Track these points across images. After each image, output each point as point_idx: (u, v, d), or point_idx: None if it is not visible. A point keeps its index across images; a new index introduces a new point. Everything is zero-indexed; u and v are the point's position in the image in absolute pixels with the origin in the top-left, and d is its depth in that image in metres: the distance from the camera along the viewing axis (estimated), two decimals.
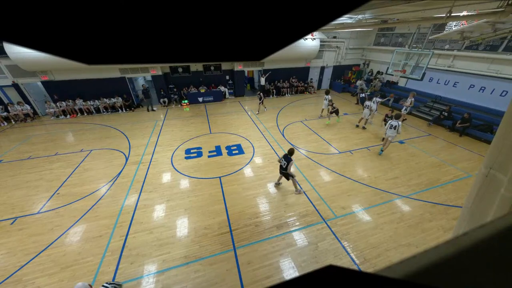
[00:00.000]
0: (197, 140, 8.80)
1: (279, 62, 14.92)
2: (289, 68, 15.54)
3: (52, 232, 4.58)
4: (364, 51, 16.66)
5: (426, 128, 9.87)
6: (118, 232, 4.56)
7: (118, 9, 0.18)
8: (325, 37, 14.83)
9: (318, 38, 14.15)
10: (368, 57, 16.37)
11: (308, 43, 13.82)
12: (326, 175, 6.45)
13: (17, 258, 4.05)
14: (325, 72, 16.98)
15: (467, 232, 0.33)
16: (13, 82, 10.86)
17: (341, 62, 16.65)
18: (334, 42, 15.63)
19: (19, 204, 5.43)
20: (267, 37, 0.26)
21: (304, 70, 16.17)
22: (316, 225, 4.73)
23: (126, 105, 12.66)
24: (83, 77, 11.72)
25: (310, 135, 9.09)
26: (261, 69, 15.21)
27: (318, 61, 16.18)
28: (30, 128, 10.33)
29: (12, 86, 10.96)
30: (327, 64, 16.54)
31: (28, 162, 7.36)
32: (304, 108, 12.86)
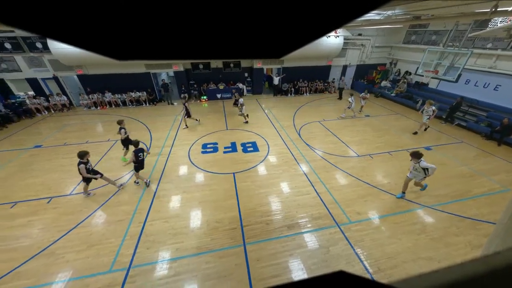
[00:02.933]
0: (214, 135, 9.00)
1: (298, 60, 14.60)
2: (309, 67, 15.15)
3: (81, 213, 5.03)
4: (391, 50, 15.64)
5: (458, 133, 9.03)
6: (137, 218, 4.86)
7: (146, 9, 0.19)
8: (350, 34, 14.15)
9: (342, 35, 13.56)
10: (396, 56, 15.33)
11: (330, 40, 13.34)
12: (342, 178, 6.23)
13: (51, 234, 4.51)
14: (347, 71, 16.29)
15: (501, 251, 0.29)
16: (54, 75, 12.02)
17: (365, 61, 15.82)
18: (359, 40, 14.88)
19: (54, 185, 6.03)
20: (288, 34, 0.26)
21: (325, 69, 15.66)
22: (328, 228, 4.61)
23: (149, 99, 13.34)
24: (112, 71, 12.56)
25: (328, 136, 8.82)
26: (280, 67, 15.03)
27: (341, 60, 15.56)
28: (66, 118, 11.36)
29: (53, 79, 12.14)
30: (350, 63, 15.84)
31: (63, 148, 8.12)
32: (323, 108, 12.50)
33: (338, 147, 7.95)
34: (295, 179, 6.15)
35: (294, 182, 6.02)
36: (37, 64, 11.63)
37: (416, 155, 4.69)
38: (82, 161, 5.08)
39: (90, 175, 5.25)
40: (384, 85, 14.77)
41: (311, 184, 5.96)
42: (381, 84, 15.02)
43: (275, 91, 15.06)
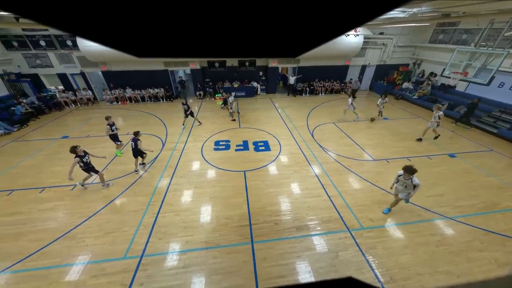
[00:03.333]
0: (226, 133, 9.11)
1: (315, 60, 14.29)
2: (325, 66, 14.78)
3: (99, 201, 5.35)
4: (416, 49, 14.76)
5: (487, 141, 8.34)
6: (151, 210, 5.08)
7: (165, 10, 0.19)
8: (370, 33, 13.55)
9: (362, 34, 13.05)
10: (421, 56, 14.44)
11: (349, 39, 12.89)
12: (356, 182, 6.03)
13: (74, 219, 4.86)
14: (366, 72, 15.66)
15: None
16: (81, 71, 12.85)
17: (386, 61, 15.10)
18: (380, 39, 14.23)
19: (78, 174, 6.45)
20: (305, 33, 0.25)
21: (342, 68, 15.18)
22: (338, 233, 4.49)
23: (166, 96, 13.81)
24: (133, 68, 13.15)
25: (342, 138, 8.57)
26: (296, 66, 14.81)
27: (359, 60, 14.99)
28: (90, 111, 12.10)
29: (80, 74, 12.99)
30: (369, 63, 15.21)
31: (86, 139, 8.67)
32: (338, 109, 12.13)
33: (352, 149, 7.70)
34: (306, 181, 6.06)
35: (305, 184, 5.93)
36: (67, 61, 12.50)
37: (409, 170, 4.15)
38: (77, 155, 5.15)
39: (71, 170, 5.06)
40: (405, 87, 14.01)
41: (322, 186, 5.83)
42: (403, 86, 14.27)
43: (289, 91, 14.89)
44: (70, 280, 3.65)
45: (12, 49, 11.69)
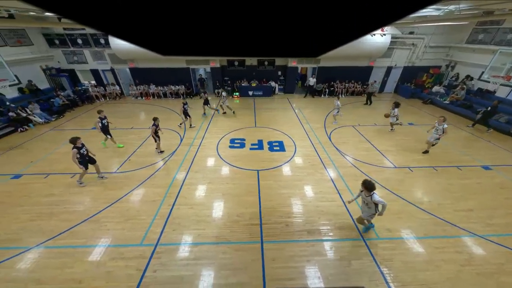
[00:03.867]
0: (242, 131, 9.20)
1: (336, 60, 13.82)
2: (347, 67, 14.22)
3: (121, 189, 5.72)
4: (450, 50, 13.58)
5: None
6: (167, 201, 5.31)
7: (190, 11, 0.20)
8: (399, 32, 12.75)
9: (389, 33, 12.33)
10: (455, 57, 13.26)
11: (375, 39, 12.27)
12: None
13: (98, 204, 5.25)
14: (391, 73, 14.79)
15: None
16: (111, 67, 13.80)
17: (415, 63, 14.12)
18: (409, 39, 13.33)
19: (103, 163, 6.96)
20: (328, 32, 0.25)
21: (366, 70, 14.49)
22: (352, 240, 4.32)
23: (187, 93, 14.31)
24: (158, 66, 13.80)
25: (361, 143, 8.20)
26: (316, 66, 14.45)
27: (385, 60, 14.20)
28: (117, 105, 12.96)
29: (110, 70, 13.96)
30: (396, 64, 14.34)
31: (113, 131, 9.28)
32: (359, 112, 11.64)
33: (372, 155, 7.33)
34: (321, 184, 5.91)
35: (319, 187, 5.79)
36: (99, 57, 13.50)
37: (367, 186, 3.69)
38: (75, 146, 5.28)
39: (76, 161, 5.32)
40: (435, 91, 12.99)
41: (337, 191, 5.64)
42: (432, 90, 13.24)
43: (308, 91, 14.58)
44: (93, 260, 3.95)
45: (54, 46, 12.91)
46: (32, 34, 11.96)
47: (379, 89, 15.34)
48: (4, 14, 5.80)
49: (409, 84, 14.44)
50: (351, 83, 14.47)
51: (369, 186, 3.71)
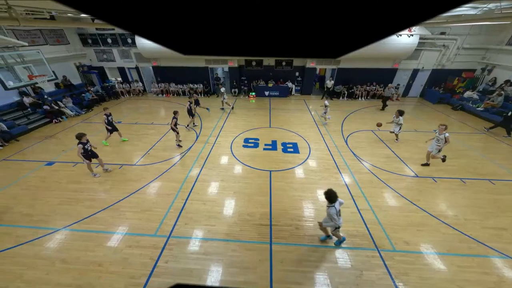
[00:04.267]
0: (256, 131, 9.22)
1: (357, 61, 13.30)
2: (369, 69, 13.62)
3: (140, 181, 6.03)
4: (487, 53, 12.42)
5: None
6: (181, 196, 5.50)
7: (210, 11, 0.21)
8: (428, 33, 11.91)
9: (417, 34, 11.58)
10: (493, 60, 12.08)
11: (401, 40, 11.60)
12: (392, 198, 5.44)
13: (118, 193, 5.59)
14: (418, 77, 13.90)
15: None
16: (136, 65, 14.61)
17: (445, 66, 13.12)
18: (440, 40, 12.42)
19: (125, 155, 7.40)
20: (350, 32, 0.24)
21: (389, 72, 13.78)
22: (365, 250, 4.13)
23: (205, 91, 14.68)
24: (178, 65, 14.33)
25: (380, 148, 7.82)
26: (335, 67, 14.04)
27: (411, 62, 13.38)
28: (139, 101, 13.68)
29: (135, 68, 14.78)
30: (423, 66, 13.45)
31: (134, 126, 9.83)
32: (379, 116, 11.09)
33: (391, 162, 6.96)
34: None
35: None
36: (126, 56, 14.35)
37: (326, 196, 3.42)
38: (81, 141, 5.57)
39: (81, 156, 5.65)
40: (468, 96, 11.97)
41: (351, 197, 5.44)
42: (464, 95, 12.22)
43: (325, 93, 14.20)
44: (111, 245, 4.22)
45: (87, 45, 13.96)
46: (69, 34, 13.06)
47: (403, 93, 14.50)
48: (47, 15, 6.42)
49: (437, 89, 13.45)
50: (373, 85, 13.85)
51: (328, 197, 3.45)
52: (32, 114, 10.08)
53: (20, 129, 8.99)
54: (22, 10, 5.24)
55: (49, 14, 6.50)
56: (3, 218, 4.87)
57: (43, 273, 3.74)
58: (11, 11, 3.89)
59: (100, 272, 3.74)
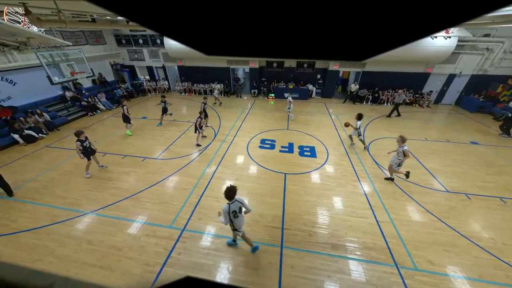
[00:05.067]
0: (273, 133, 9.18)
1: (384, 64, 12.60)
2: (397, 73, 12.81)
3: (160, 174, 6.35)
4: None
5: None
6: (197, 191, 5.67)
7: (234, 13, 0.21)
8: (469, 34, 10.84)
9: (456, 36, 10.61)
10: None
11: (437, 42, 10.73)
12: (416, 213, 5.04)
13: (140, 184, 5.94)
14: (454, 82, 12.73)
15: None
16: (163, 65, 15.45)
17: (487, 71, 11.84)
18: (483, 43, 11.23)
19: (148, 149, 7.85)
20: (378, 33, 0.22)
21: (421, 76, 12.82)
22: (382, 265, 3.88)
23: (225, 91, 15.02)
24: (201, 64, 14.85)
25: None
26: (360, 70, 13.44)
27: (447, 67, 12.30)
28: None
29: (162, 68, 15.65)
30: (461, 71, 12.28)
31: (166, 122, 10.37)
32: (407, 123, 10.38)
33: (418, 173, 6.45)
34: (352, 197, 5.48)
35: (350, 200, 5.37)
36: (155, 56, 15.26)
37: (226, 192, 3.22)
38: (79, 139, 5.67)
39: (79, 152, 5.75)
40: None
41: (370, 207, 5.15)
42: (509, 104, 10.90)
43: (348, 97, 13.65)
44: (130, 232, 4.50)
45: (121, 45, 15.12)
46: (106, 35, 14.26)
47: (435, 100, 13.38)
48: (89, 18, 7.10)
49: (477, 96, 12.18)
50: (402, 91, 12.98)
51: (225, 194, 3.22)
52: (71, 107, 11.19)
53: (61, 120, 10.03)
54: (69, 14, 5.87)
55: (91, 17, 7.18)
56: (43, 198, 5.46)
57: (71, 251, 4.12)
58: (60, 14, 4.37)
59: (120, 257, 4.01)
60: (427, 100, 12.79)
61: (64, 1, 4.38)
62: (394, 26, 0.20)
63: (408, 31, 0.21)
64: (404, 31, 0.21)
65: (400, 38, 0.22)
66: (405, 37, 0.22)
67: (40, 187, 5.88)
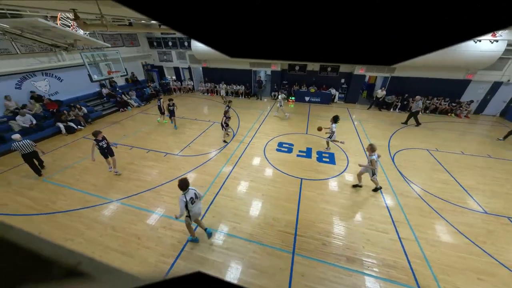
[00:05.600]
0: (292, 136, 9.06)
1: (417, 69, 11.72)
2: (431, 79, 11.83)
3: (179, 170, 6.63)
4: None
5: None
6: (212, 189, 5.81)
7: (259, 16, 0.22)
8: None
9: (504, 39, 9.48)
10: None
11: (480, 46, 9.69)
12: (446, 233, 4.57)
13: (161, 178, 6.27)
14: (499, 91, 11.37)
15: None
16: (189, 66, 16.21)
17: None
18: None
19: (170, 145, 8.27)
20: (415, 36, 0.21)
21: (460, 84, 11.68)
22: (403, 286, 3.58)
23: (246, 93, 15.24)
24: (224, 66, 15.26)
25: (438, 172, 6.67)
26: (389, 75, 12.68)
27: (492, 74, 11.04)
28: (188, 98, 15.08)
29: (187, 69, 16.42)
30: (509, 79, 10.93)
31: (181, 120, 10.88)
32: (440, 134, 9.51)
33: (450, 189, 5.86)
34: (372, 209, 5.16)
35: (370, 212, 5.06)
36: (182, 57, 16.08)
37: (179, 185, 3.56)
38: (96, 139, 5.75)
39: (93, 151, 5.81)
40: None
41: (392, 222, 4.80)
42: None
43: (374, 103, 12.94)
44: (149, 223, 4.76)
45: (153, 47, 16.21)
46: (140, 37, 15.41)
47: (475, 110, 12.07)
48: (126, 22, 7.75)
49: None
50: (437, 99, 11.97)
51: (179, 186, 3.54)
52: (106, 103, 12.26)
53: (97, 114, 11.04)
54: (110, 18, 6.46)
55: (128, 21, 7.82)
56: (78, 184, 6.05)
57: (98, 235, 4.48)
58: (103, 19, 4.84)
59: (139, 245, 4.26)
60: (466, 110, 11.60)
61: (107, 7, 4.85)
62: (430, 28, 0.19)
63: (447, 34, 0.19)
64: (441, 34, 0.19)
65: (437, 42, 0.20)
66: (442, 41, 0.20)
67: (76, 173, 6.53)
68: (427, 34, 0.20)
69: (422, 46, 0.21)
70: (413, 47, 0.22)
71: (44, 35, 6.08)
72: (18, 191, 5.79)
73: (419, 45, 0.21)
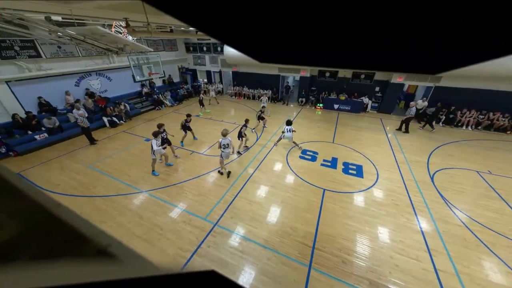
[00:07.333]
0: (316, 144, 8.75)
1: (467, 79, 10.38)
2: (482, 90, 10.34)
3: (204, 169, 6.90)
4: None
5: None
6: (232, 191, 5.90)
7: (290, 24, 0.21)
8: None
9: None
10: None
11: None
12: (497, 272, 3.87)
13: (185, 175, 6.61)
14: None
15: None
16: (220, 70, 16.99)
17: None
18: None
19: (196, 144, 8.69)
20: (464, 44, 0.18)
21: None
22: None
23: (273, 98, 15.30)
24: (253, 71, 15.57)
25: (489, 199, 5.74)
26: (432, 85, 11.46)
27: None
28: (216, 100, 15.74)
29: (218, 72, 17.21)
30: None
31: (209, 121, 11.38)
32: (495, 154, 8.21)
33: (506, 221, 4.97)
34: (403, 232, 4.65)
35: (401, 235, 4.57)
36: (214, 61, 16.94)
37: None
38: (159, 130, 6.25)
39: (161, 149, 6.21)
40: None
41: (427, 250, 4.24)
42: None
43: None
44: (171, 216, 5.03)
45: (189, 52, 17.43)
46: (178, 43, 16.72)
47: None
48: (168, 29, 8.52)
49: None
50: (493, 113, 10.40)
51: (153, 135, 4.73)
52: (145, 101, 13.51)
53: (136, 111, 12.23)
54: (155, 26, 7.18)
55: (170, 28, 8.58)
56: (113, 173, 6.73)
57: (126, 221, 4.90)
58: (148, 26, 5.39)
59: (160, 235, 4.53)
60: None
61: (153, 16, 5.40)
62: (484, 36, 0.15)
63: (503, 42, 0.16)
64: (497, 42, 0.16)
65: (492, 51, 0.17)
66: (498, 50, 0.16)
67: (113, 163, 7.28)
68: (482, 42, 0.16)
69: (475, 55, 0.18)
70: (466, 56, 0.18)
71: (101, 40, 7.03)
72: (69, 174, 6.69)
73: (472, 53, 0.18)
